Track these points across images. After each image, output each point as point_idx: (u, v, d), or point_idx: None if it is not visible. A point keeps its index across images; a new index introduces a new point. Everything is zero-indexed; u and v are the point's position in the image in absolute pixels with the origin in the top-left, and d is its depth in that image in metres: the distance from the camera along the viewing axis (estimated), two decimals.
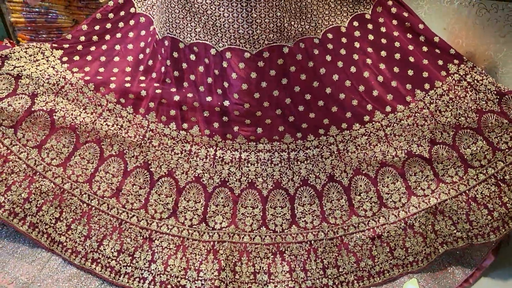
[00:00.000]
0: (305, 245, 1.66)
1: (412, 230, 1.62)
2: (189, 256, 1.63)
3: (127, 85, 1.74)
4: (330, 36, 1.71)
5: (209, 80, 1.69)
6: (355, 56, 1.71)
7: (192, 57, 1.68)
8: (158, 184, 1.70)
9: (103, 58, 1.79)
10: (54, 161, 1.68)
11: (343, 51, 1.71)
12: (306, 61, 1.67)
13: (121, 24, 1.81)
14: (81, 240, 1.62)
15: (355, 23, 1.74)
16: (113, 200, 1.67)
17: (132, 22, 1.81)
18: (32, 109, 1.66)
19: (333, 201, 1.69)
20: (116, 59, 1.79)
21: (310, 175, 1.71)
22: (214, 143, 1.73)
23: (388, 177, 1.69)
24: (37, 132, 1.67)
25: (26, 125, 1.66)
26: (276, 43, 1.62)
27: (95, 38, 1.81)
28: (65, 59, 1.75)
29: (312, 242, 1.66)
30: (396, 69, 1.71)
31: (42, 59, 1.72)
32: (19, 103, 1.65)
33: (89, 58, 1.79)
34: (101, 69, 1.77)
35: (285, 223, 1.68)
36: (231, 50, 1.60)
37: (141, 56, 1.79)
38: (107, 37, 1.81)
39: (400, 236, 1.63)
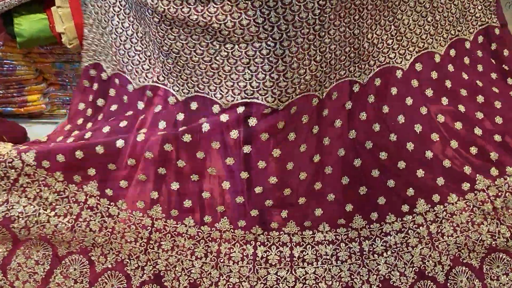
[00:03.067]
0: None
1: None
2: None
3: (111, 166, 1.28)
4: (418, 67, 1.33)
5: (246, 149, 1.25)
6: (444, 100, 1.30)
7: (224, 118, 1.25)
8: None
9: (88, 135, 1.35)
10: (27, 285, 1.23)
11: (429, 92, 1.31)
12: (379, 105, 1.31)
13: (100, 102, 1.44)
14: None
15: (452, 52, 1.38)
16: None
17: (112, 92, 1.41)
18: None
19: None
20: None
21: (392, 272, 1.29)
22: (252, 237, 1.29)
23: (498, 267, 1.28)
24: None
25: None
26: (346, 78, 1.29)
27: (75, 133, 1.40)
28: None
29: None
30: (498, 120, 1.34)
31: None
32: None
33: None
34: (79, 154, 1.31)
35: None
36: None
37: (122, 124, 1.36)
38: (89, 125, 1.42)
39: None
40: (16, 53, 1.58)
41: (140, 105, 1.34)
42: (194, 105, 1.29)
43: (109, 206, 1.28)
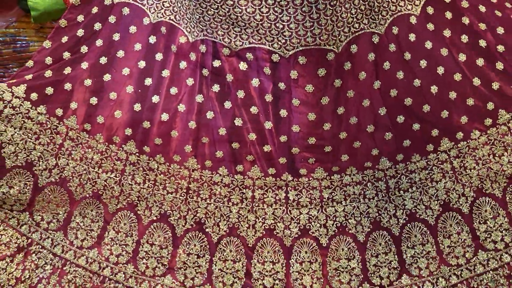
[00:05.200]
0: None
1: None
2: None
3: (146, 125, 1.41)
4: (430, 10, 1.36)
5: (268, 97, 1.37)
6: (464, 38, 1.31)
7: (243, 66, 1.36)
8: (220, 248, 1.40)
9: (88, 82, 1.41)
10: (85, 242, 1.40)
11: (447, 33, 1.35)
12: (401, 53, 1.37)
13: (97, 26, 1.41)
14: None
15: None
16: (168, 279, 1.39)
17: (112, 19, 1.42)
18: (39, 185, 1.38)
19: (452, 236, 1.38)
20: (107, 77, 1.41)
21: (418, 206, 1.39)
22: (283, 183, 1.40)
23: None
24: (56, 211, 1.40)
25: (40, 205, 1.39)
26: (362, 31, 1.33)
27: (66, 55, 1.41)
28: (34, 96, 1.37)
29: None
30: None
31: (5, 108, 1.34)
32: (19, 181, 1.36)
33: (67, 87, 1.40)
34: (93, 100, 1.41)
35: (392, 273, 1.38)
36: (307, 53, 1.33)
37: (141, 64, 1.41)
38: (84, 49, 1.41)
39: None
40: (29, 29, 1.63)
41: (152, 39, 1.41)
42: (203, 48, 1.37)
43: (148, 161, 1.41)
